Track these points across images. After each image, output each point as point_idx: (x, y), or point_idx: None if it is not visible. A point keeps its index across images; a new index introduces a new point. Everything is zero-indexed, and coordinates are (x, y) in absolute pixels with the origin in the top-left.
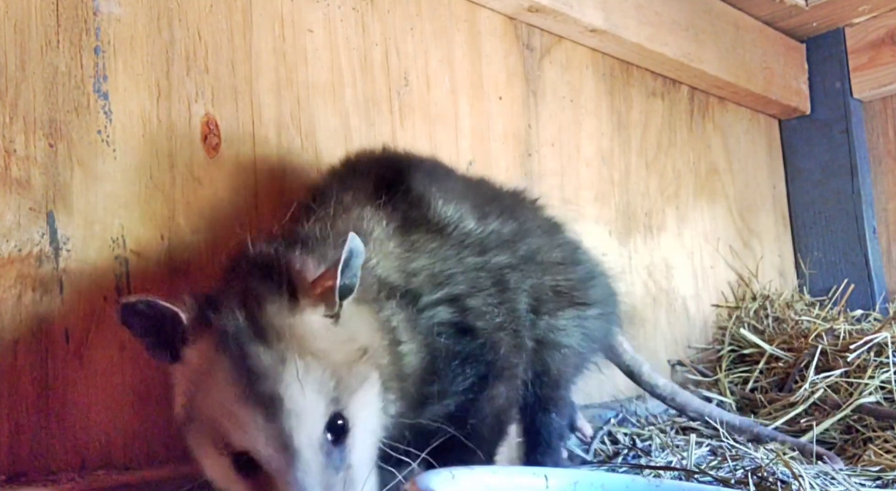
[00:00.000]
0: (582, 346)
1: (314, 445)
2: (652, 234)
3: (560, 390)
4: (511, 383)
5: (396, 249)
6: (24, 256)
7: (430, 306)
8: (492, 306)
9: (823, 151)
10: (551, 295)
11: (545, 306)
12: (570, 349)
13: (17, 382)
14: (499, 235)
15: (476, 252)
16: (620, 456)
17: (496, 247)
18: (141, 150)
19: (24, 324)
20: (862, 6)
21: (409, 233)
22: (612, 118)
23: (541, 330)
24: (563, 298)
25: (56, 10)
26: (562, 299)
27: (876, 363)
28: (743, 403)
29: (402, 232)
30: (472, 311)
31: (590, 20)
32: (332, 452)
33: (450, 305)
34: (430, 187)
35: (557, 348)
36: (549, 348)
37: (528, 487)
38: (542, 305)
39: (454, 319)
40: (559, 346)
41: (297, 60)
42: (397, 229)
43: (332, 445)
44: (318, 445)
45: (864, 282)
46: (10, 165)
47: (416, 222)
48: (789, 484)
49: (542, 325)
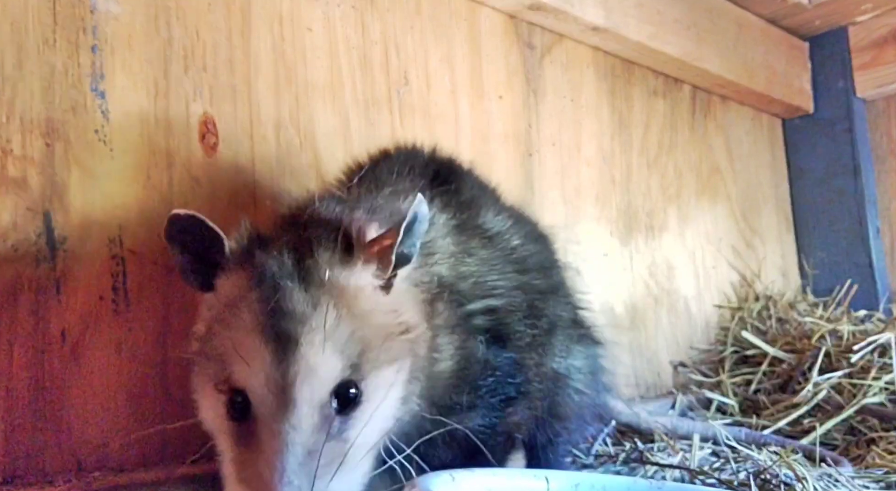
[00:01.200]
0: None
1: (315, 402)
2: (653, 234)
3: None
4: (529, 402)
5: (452, 248)
6: (20, 255)
7: (473, 313)
8: (524, 327)
9: (826, 151)
10: (568, 328)
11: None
12: (578, 389)
13: (12, 383)
14: (537, 259)
15: (518, 270)
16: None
17: (534, 269)
18: (138, 150)
19: (20, 324)
20: (865, 5)
21: (464, 234)
22: (613, 117)
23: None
24: (579, 333)
25: (53, 9)
26: (578, 334)
27: (880, 364)
28: (746, 404)
29: (457, 231)
30: (507, 327)
31: (591, 18)
32: (331, 419)
33: (489, 315)
34: (480, 195)
35: (567, 385)
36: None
37: (529, 490)
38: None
39: (491, 327)
40: (569, 383)
41: (296, 59)
42: (455, 228)
43: (335, 411)
44: (318, 404)
45: (867, 282)
46: (7, 165)
47: (468, 226)
48: (792, 486)
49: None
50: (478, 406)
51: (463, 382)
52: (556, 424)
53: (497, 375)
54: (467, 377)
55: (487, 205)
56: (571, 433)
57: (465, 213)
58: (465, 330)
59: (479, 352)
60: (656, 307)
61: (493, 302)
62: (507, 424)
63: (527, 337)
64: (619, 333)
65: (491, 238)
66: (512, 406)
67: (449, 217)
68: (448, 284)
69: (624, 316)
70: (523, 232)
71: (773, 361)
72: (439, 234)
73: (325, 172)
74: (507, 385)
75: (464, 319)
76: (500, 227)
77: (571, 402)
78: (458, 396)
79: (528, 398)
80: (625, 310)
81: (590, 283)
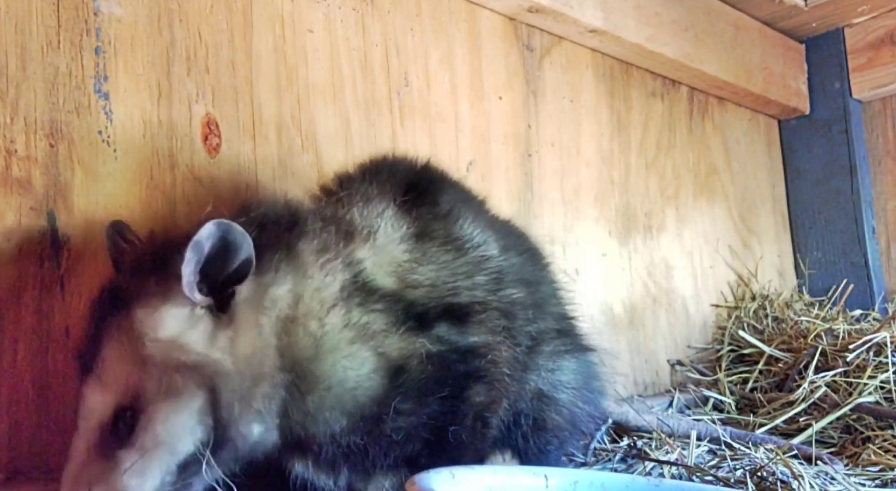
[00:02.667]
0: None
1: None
2: (652, 234)
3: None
4: (495, 384)
5: (403, 256)
6: (24, 254)
7: (423, 313)
8: (495, 320)
9: (823, 152)
10: (555, 340)
11: (545, 349)
12: (566, 405)
13: (16, 380)
14: (519, 272)
15: (492, 279)
16: (620, 455)
17: (514, 282)
18: (141, 151)
19: (24, 322)
20: (861, 6)
21: (424, 242)
22: (611, 118)
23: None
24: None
25: (57, 11)
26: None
27: (875, 363)
28: (743, 402)
29: (416, 240)
30: (470, 314)
31: (590, 21)
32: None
33: (445, 309)
34: (460, 206)
35: (555, 403)
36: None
37: (528, 487)
38: (542, 347)
39: (447, 314)
40: (557, 401)
41: (298, 61)
42: (413, 236)
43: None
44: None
45: (863, 282)
46: (11, 165)
47: (435, 235)
48: (789, 484)
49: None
50: (419, 411)
51: (396, 389)
52: (546, 435)
53: (446, 368)
54: (401, 383)
55: (466, 216)
56: (563, 443)
57: (438, 224)
58: (408, 331)
59: (424, 348)
60: (654, 307)
61: (453, 300)
62: (473, 405)
63: (498, 327)
64: (617, 333)
65: (459, 246)
66: (471, 389)
67: (408, 227)
68: (386, 291)
69: (622, 315)
70: (504, 245)
71: (769, 359)
72: (394, 236)
73: (326, 173)
74: (461, 374)
75: (410, 321)
76: (476, 237)
77: (560, 418)
78: (389, 402)
79: (491, 382)
80: (623, 309)
81: (588, 283)
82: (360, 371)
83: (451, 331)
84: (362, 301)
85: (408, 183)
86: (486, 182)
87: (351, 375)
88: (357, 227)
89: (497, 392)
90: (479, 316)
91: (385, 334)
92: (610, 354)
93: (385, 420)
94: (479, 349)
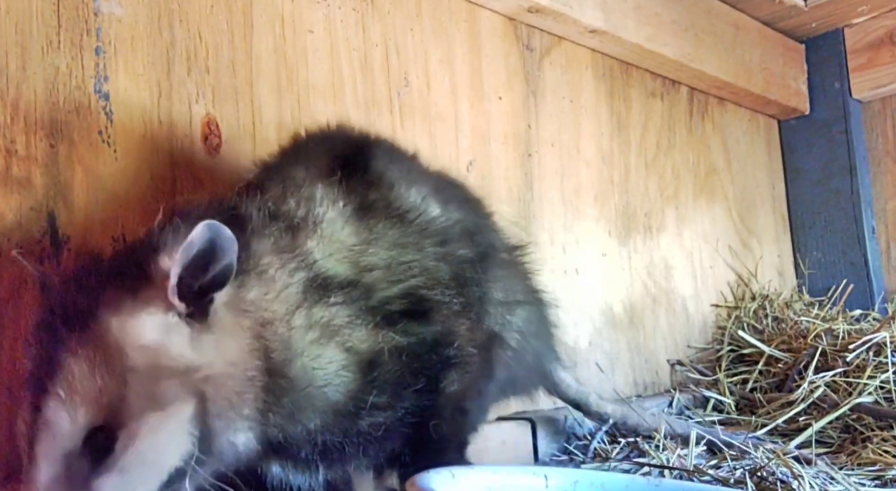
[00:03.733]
0: (526, 346)
1: (55, 453)
2: (651, 234)
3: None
4: (464, 368)
5: (351, 239)
6: (24, 255)
7: (383, 302)
8: (450, 297)
9: (822, 152)
10: (506, 292)
11: (498, 297)
12: (513, 348)
13: (16, 379)
14: (461, 226)
15: (437, 242)
16: (620, 455)
17: (458, 239)
18: (141, 151)
19: (24, 322)
20: (861, 7)
21: (368, 218)
22: (611, 118)
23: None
24: (518, 296)
25: (57, 11)
26: (514, 298)
27: (875, 363)
28: (742, 402)
29: (359, 216)
30: (429, 302)
31: (589, 21)
32: (78, 471)
33: (405, 298)
34: (392, 167)
35: (502, 343)
36: (493, 343)
37: (528, 487)
38: (492, 298)
39: (410, 308)
40: (504, 342)
41: (298, 61)
42: (354, 213)
43: (85, 460)
44: (60, 455)
45: (862, 282)
46: (11, 165)
47: (375, 206)
48: (788, 483)
49: (490, 315)
50: (396, 404)
51: (370, 383)
52: (480, 384)
53: (417, 357)
54: (376, 377)
55: (400, 179)
56: (484, 397)
57: (374, 192)
58: (373, 323)
59: (392, 340)
60: (654, 307)
61: (412, 282)
62: (449, 396)
63: (455, 306)
64: (617, 333)
65: (402, 215)
66: (446, 379)
67: (345, 204)
68: (343, 279)
69: (622, 315)
70: (443, 199)
71: (769, 359)
72: (337, 223)
73: None
74: (434, 364)
75: (371, 311)
76: (414, 199)
77: (507, 353)
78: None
79: (463, 367)
80: (623, 309)
81: (588, 282)
82: (328, 369)
83: (414, 324)
84: (321, 297)
85: (333, 157)
86: (486, 182)
87: (320, 374)
88: (299, 218)
89: (470, 376)
90: (436, 307)
91: (350, 328)
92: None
93: (361, 416)
94: (445, 338)
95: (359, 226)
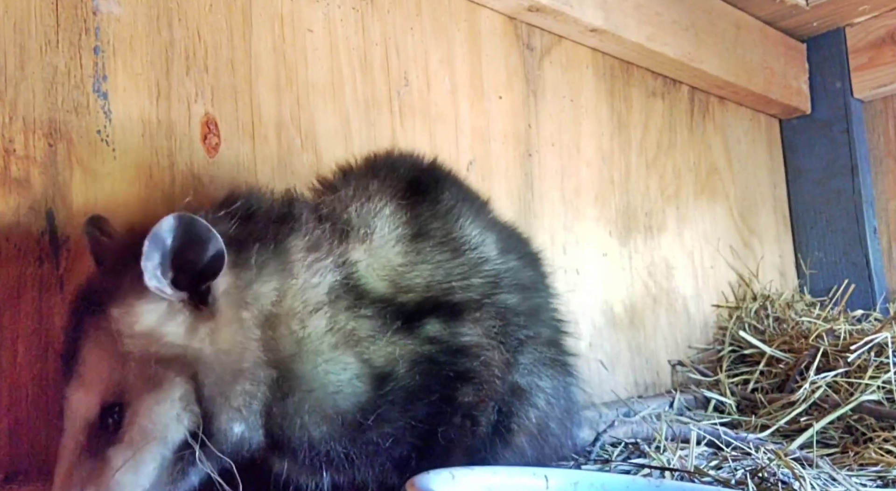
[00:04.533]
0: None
1: (76, 426)
2: (652, 234)
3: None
4: (483, 385)
5: (398, 259)
6: (23, 254)
7: (414, 310)
8: (488, 323)
9: (824, 151)
10: (542, 347)
11: (530, 353)
12: (539, 407)
13: (15, 380)
14: (515, 276)
15: (488, 282)
16: (621, 456)
17: (510, 287)
18: (140, 150)
19: (23, 322)
20: (862, 6)
21: (420, 242)
22: (612, 118)
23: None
24: (554, 357)
25: (55, 10)
26: (552, 357)
27: (876, 363)
28: (743, 403)
29: (412, 240)
30: (464, 312)
31: (590, 20)
32: (96, 442)
33: (436, 308)
34: (461, 205)
35: (527, 400)
36: (519, 398)
37: (528, 487)
38: (528, 350)
39: (438, 311)
40: (529, 399)
41: (297, 60)
42: (409, 237)
43: (99, 433)
44: (81, 427)
45: (864, 282)
46: (10, 165)
47: (431, 234)
48: (790, 484)
49: (520, 367)
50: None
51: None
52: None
53: (435, 369)
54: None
55: (466, 216)
56: (526, 449)
57: (437, 222)
58: (397, 332)
59: (410, 350)
60: (655, 307)
61: (447, 298)
62: (460, 405)
63: (492, 328)
64: (618, 333)
65: (457, 247)
66: (461, 391)
67: (405, 226)
68: (378, 296)
69: (623, 315)
70: (504, 247)
71: (770, 360)
72: (383, 246)
73: (325, 173)
74: (452, 377)
75: (398, 320)
76: (475, 239)
77: (527, 420)
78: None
79: (481, 384)
80: (624, 309)
81: (589, 282)
82: (341, 376)
83: (442, 329)
84: (351, 305)
85: (409, 180)
86: (486, 182)
87: (332, 379)
88: (353, 227)
89: (485, 393)
90: (473, 314)
91: (371, 340)
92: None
93: (371, 428)
94: (471, 349)
95: (409, 248)
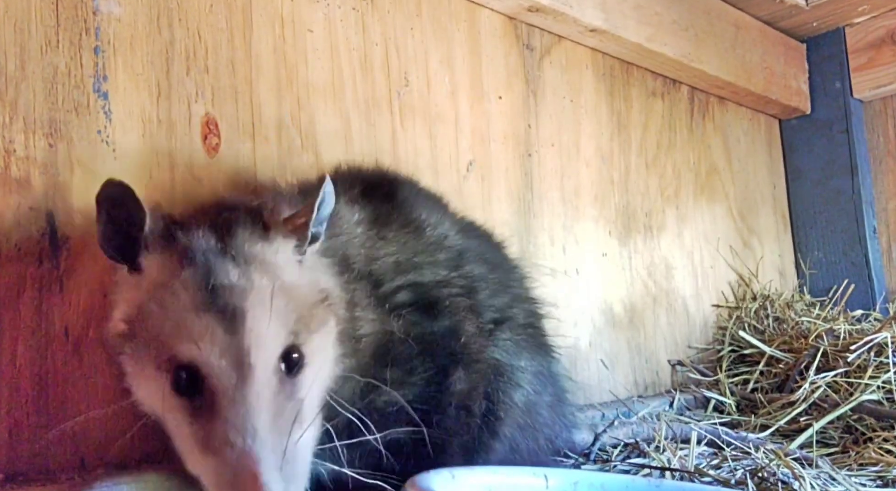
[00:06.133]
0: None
1: (269, 368)
2: (652, 234)
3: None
4: (472, 367)
5: (365, 233)
6: (24, 254)
7: (394, 291)
8: (457, 297)
9: (823, 151)
10: (521, 327)
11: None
12: (521, 386)
13: (16, 380)
14: (478, 254)
15: (452, 256)
16: (620, 456)
17: (474, 260)
18: (141, 150)
19: (23, 322)
20: (862, 6)
21: (381, 225)
22: (611, 118)
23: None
24: (531, 336)
25: (56, 10)
26: (529, 338)
27: (876, 363)
28: (743, 403)
29: (374, 223)
30: (435, 295)
31: (589, 20)
32: (284, 382)
33: (412, 290)
34: (418, 197)
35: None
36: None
37: (528, 487)
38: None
39: (417, 300)
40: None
41: (297, 60)
42: (369, 220)
43: (285, 374)
44: (272, 369)
45: (864, 282)
46: (10, 165)
47: (391, 219)
48: (789, 484)
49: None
50: (407, 382)
51: (385, 357)
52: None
53: (424, 346)
54: (392, 353)
55: (422, 206)
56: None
57: (395, 212)
58: (383, 309)
59: (399, 326)
60: (655, 307)
61: (417, 278)
62: (454, 395)
63: (462, 304)
64: (617, 333)
65: (419, 228)
66: (453, 375)
67: (365, 209)
68: (358, 264)
69: (622, 315)
70: (462, 229)
71: (770, 360)
72: (351, 221)
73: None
74: (437, 354)
75: (381, 299)
76: (433, 221)
77: (513, 403)
78: (383, 370)
79: (470, 365)
80: (623, 309)
81: (589, 282)
82: (364, 325)
83: (422, 318)
84: (350, 271)
85: (361, 182)
86: (486, 182)
87: (362, 323)
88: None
89: (476, 377)
90: (444, 303)
91: (365, 309)
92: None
93: (379, 392)
94: (452, 333)
95: (372, 226)
